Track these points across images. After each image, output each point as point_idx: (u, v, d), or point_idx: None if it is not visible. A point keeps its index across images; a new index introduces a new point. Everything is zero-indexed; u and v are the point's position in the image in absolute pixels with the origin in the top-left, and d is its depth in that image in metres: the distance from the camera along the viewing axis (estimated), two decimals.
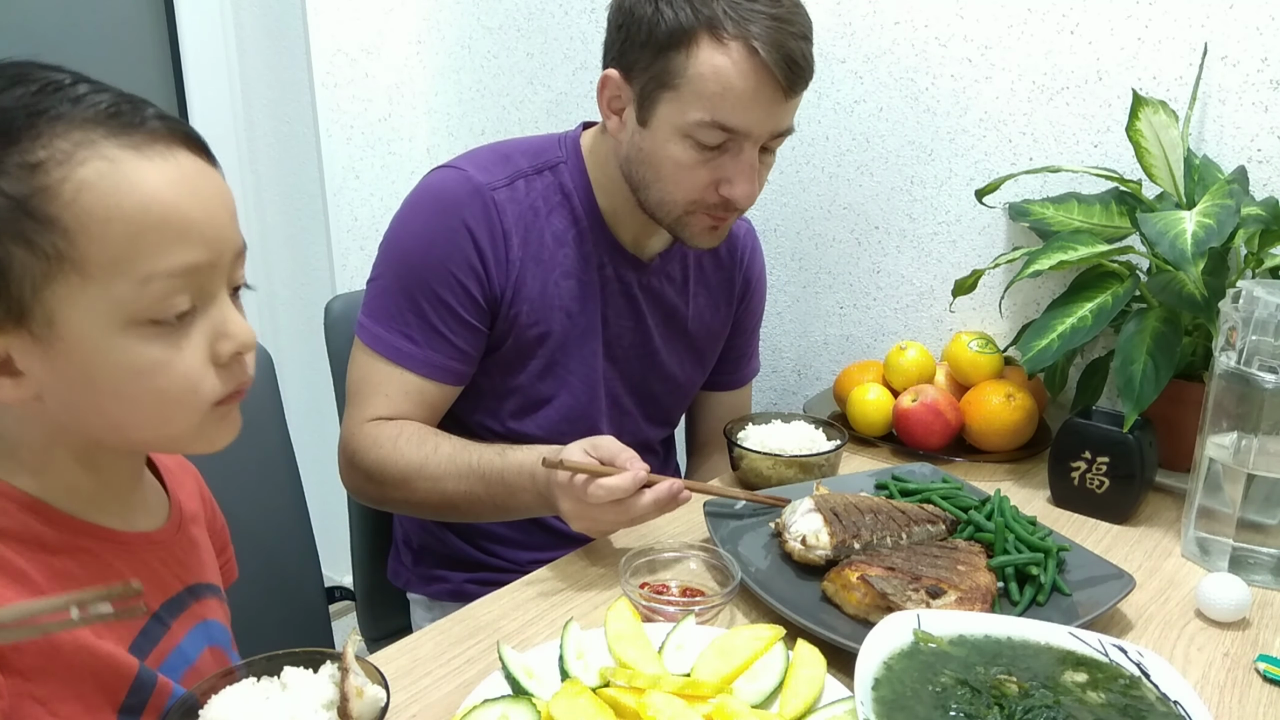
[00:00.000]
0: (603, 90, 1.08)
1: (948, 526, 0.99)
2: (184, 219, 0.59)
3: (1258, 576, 0.96)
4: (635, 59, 1.03)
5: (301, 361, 2.04)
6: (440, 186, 1.11)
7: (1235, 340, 0.95)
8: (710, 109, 1.00)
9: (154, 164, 0.58)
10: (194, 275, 0.60)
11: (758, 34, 0.97)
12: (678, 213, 1.08)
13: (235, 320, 0.63)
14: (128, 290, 0.58)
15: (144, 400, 0.61)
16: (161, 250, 0.58)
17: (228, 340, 0.63)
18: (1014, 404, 1.24)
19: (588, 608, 0.89)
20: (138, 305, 0.58)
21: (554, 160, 1.15)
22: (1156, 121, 1.15)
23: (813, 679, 0.72)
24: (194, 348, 0.61)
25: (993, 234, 1.41)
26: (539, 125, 1.88)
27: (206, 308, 0.62)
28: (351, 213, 1.98)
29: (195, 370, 0.61)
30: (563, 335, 1.15)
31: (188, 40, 1.88)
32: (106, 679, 0.63)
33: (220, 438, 0.67)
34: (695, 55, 0.99)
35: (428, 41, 2.00)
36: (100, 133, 0.57)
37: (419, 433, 1.08)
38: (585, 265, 1.15)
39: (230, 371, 0.64)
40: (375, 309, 1.11)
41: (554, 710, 0.66)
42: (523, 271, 1.11)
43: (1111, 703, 0.67)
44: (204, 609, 0.74)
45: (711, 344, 1.33)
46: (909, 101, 1.43)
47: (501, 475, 1.02)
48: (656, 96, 1.02)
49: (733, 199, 1.05)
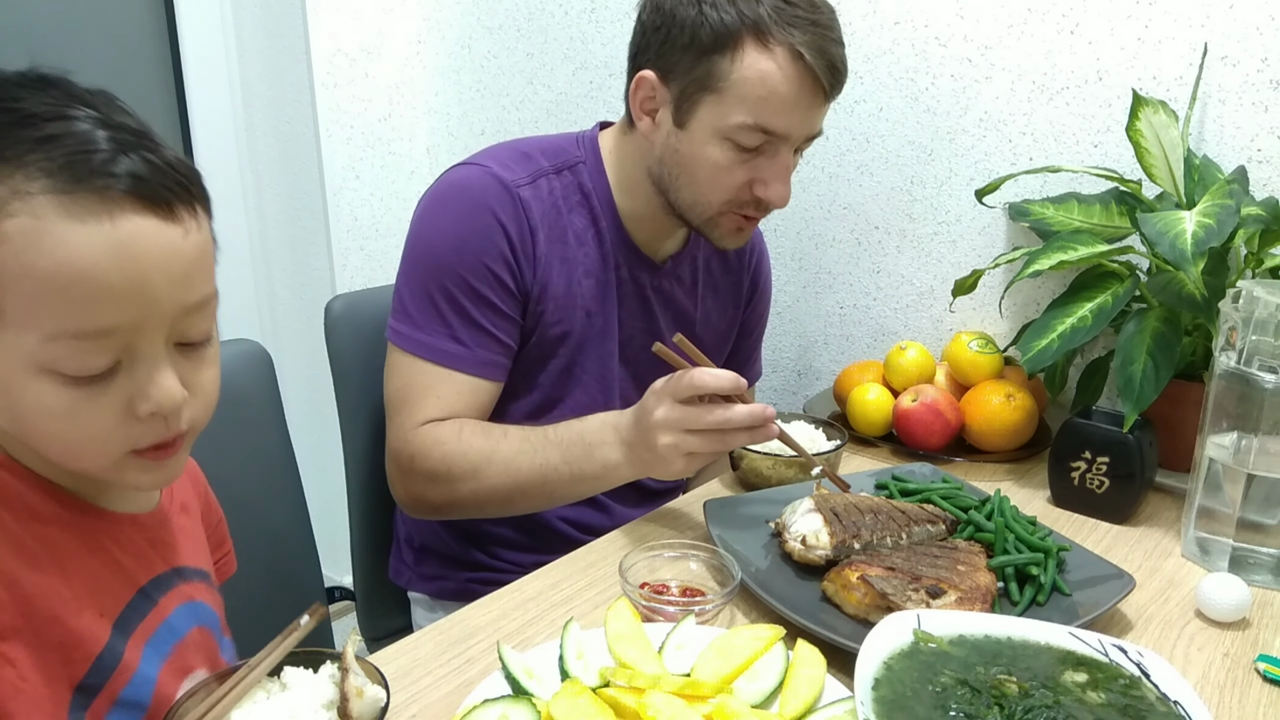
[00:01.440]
0: (636, 91, 1.08)
1: (948, 526, 0.99)
2: (102, 285, 0.57)
3: (1258, 576, 0.96)
4: (676, 61, 1.03)
5: (301, 361, 2.04)
6: (466, 183, 1.10)
7: (1235, 340, 0.95)
8: (753, 112, 1.01)
9: (84, 226, 0.56)
10: (111, 337, 0.59)
11: (802, 40, 0.99)
12: (710, 213, 1.09)
13: (160, 382, 0.62)
14: (35, 343, 0.57)
15: (58, 439, 0.62)
16: (72, 314, 0.57)
17: (146, 402, 0.61)
18: (1014, 404, 1.24)
19: (588, 608, 0.89)
20: (48, 359, 0.58)
21: (573, 160, 1.15)
22: (1156, 121, 1.15)
23: (813, 679, 0.72)
24: (108, 402, 0.61)
25: (993, 234, 1.41)
26: (539, 125, 1.88)
27: (132, 365, 0.61)
28: (351, 213, 1.98)
29: (104, 423, 0.61)
30: (582, 335, 1.15)
31: (188, 40, 1.88)
32: (70, 653, 0.63)
33: (145, 482, 0.67)
34: (740, 59, 1.00)
35: (428, 41, 2.00)
36: (40, 185, 0.56)
37: (482, 425, 1.08)
38: (604, 265, 1.16)
39: (149, 427, 0.63)
40: (412, 313, 1.09)
41: (554, 710, 0.66)
42: (549, 268, 1.11)
43: (1111, 703, 0.67)
44: (192, 590, 0.75)
45: (719, 347, 1.33)
46: (909, 101, 1.43)
47: (581, 435, 1.02)
48: (697, 99, 1.03)
49: (768, 199, 1.07)
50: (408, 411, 1.09)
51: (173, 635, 0.71)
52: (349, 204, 1.97)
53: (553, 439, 1.04)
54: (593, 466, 1.02)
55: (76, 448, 0.62)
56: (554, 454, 1.03)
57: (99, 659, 0.65)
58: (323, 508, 1.35)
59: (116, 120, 0.60)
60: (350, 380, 1.28)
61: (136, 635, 0.68)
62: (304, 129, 1.92)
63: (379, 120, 1.98)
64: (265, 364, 1.15)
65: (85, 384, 0.60)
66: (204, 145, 1.94)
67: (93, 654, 0.64)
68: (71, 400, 0.59)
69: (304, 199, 1.98)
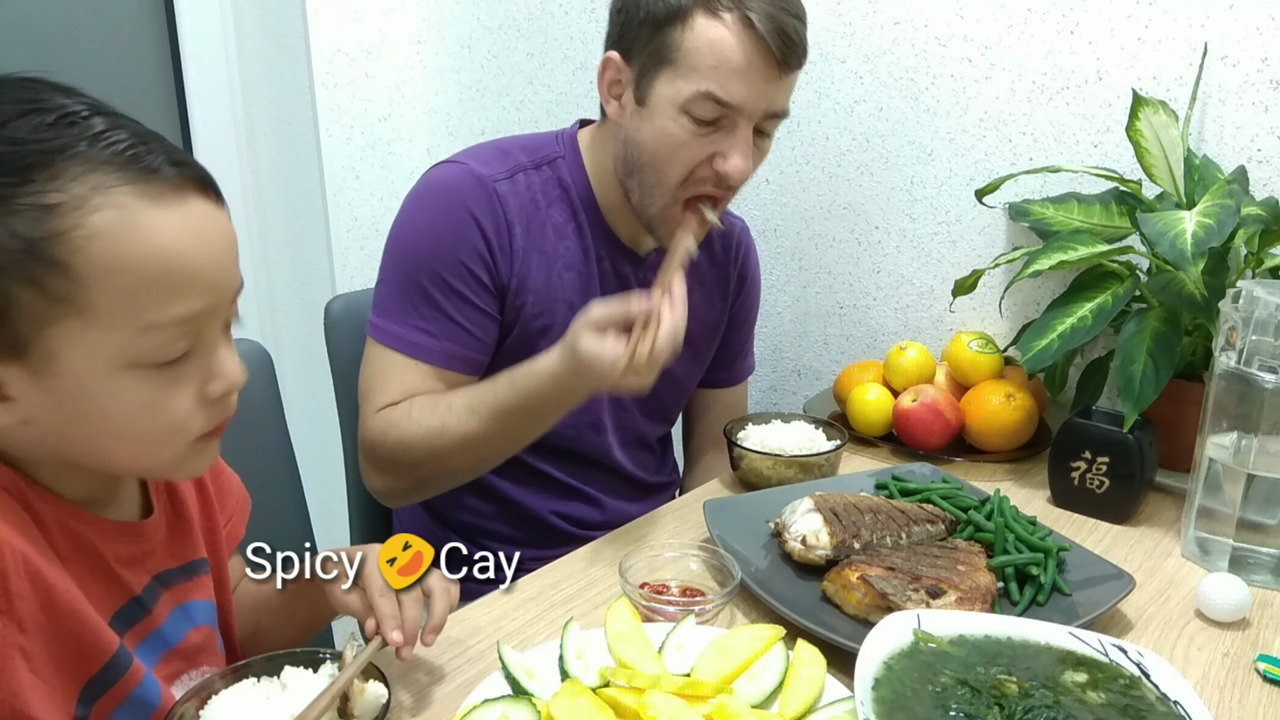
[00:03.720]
0: (603, 74, 1.09)
1: (947, 526, 0.99)
2: (189, 269, 0.60)
3: (1258, 576, 0.96)
4: (634, 38, 1.04)
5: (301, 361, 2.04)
6: (443, 180, 1.12)
7: (1235, 340, 0.95)
8: (706, 81, 1.01)
9: (166, 213, 0.58)
10: (194, 322, 0.61)
11: (753, 7, 0.99)
12: (665, 199, 1.08)
13: (228, 361, 0.65)
14: (129, 337, 0.58)
15: (133, 436, 0.62)
16: (165, 301, 0.59)
17: (219, 381, 0.64)
18: (1014, 404, 1.24)
19: (588, 608, 0.89)
20: (137, 351, 0.59)
21: (552, 155, 1.16)
22: (1156, 121, 1.15)
23: (813, 679, 0.72)
24: (186, 389, 0.62)
25: (993, 234, 1.41)
26: (539, 125, 1.88)
27: (201, 349, 0.63)
28: (351, 213, 1.98)
29: (185, 410, 0.63)
30: (564, 327, 1.14)
31: (188, 40, 1.88)
32: (86, 649, 0.64)
33: (199, 467, 0.69)
34: (691, 28, 1.00)
35: (428, 41, 2.00)
36: (116, 178, 0.57)
37: (428, 399, 1.07)
38: (585, 258, 1.16)
39: (216, 408, 0.65)
40: (387, 307, 1.10)
41: (554, 710, 0.66)
42: (526, 262, 1.11)
43: (1111, 703, 0.67)
44: (185, 590, 0.75)
45: (708, 340, 1.33)
46: (909, 101, 1.43)
47: (525, 403, 1.01)
48: (654, 74, 1.04)
49: (726, 173, 1.05)
50: (370, 399, 1.10)
51: (163, 643, 0.71)
52: (349, 204, 1.97)
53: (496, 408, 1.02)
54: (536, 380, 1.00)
55: (155, 442, 0.63)
56: (508, 420, 1.02)
57: (114, 659, 0.65)
58: (323, 508, 1.35)
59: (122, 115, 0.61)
60: (350, 380, 1.28)
61: (128, 639, 0.68)
62: (304, 129, 1.92)
63: (379, 120, 1.98)
64: (265, 364, 1.16)
65: (165, 374, 0.61)
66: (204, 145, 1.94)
67: (108, 652, 0.65)
68: (155, 391, 0.61)
69: (304, 199, 1.98)
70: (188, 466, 0.68)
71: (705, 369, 1.36)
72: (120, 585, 0.68)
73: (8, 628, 0.58)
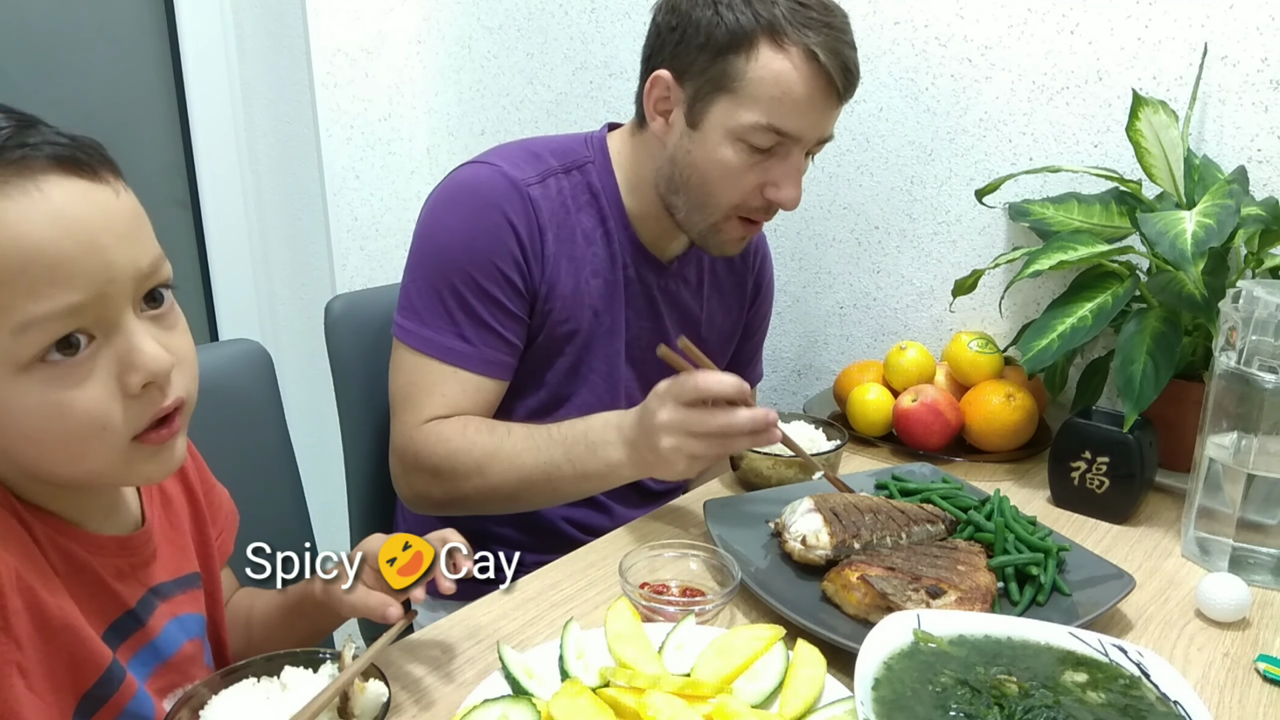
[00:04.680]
0: (650, 91, 1.08)
1: (947, 526, 0.99)
2: (52, 258, 0.54)
3: (1258, 576, 0.96)
4: (691, 61, 1.04)
5: (301, 361, 2.04)
6: (476, 181, 1.10)
7: (1235, 340, 0.95)
8: (767, 112, 1.01)
9: (15, 202, 0.53)
10: (80, 313, 0.56)
11: (816, 41, 1.00)
12: (716, 218, 1.09)
13: (141, 349, 0.58)
14: (6, 339, 0.54)
15: (53, 441, 0.58)
16: (32, 296, 0.54)
17: (135, 371, 0.58)
18: (1014, 404, 1.24)
19: (588, 608, 0.89)
20: (20, 353, 0.54)
21: (582, 160, 1.16)
22: (1156, 121, 1.15)
23: (813, 679, 0.72)
24: (97, 383, 0.57)
25: (993, 234, 1.41)
26: (539, 125, 1.88)
27: (109, 338, 0.58)
28: (351, 213, 1.98)
29: (99, 407, 0.58)
30: (589, 334, 1.15)
31: (188, 40, 1.88)
32: (80, 664, 0.63)
33: (154, 471, 0.64)
34: (755, 59, 1.00)
35: (428, 41, 2.00)
36: None
37: (487, 422, 1.08)
38: (611, 265, 1.16)
39: (143, 402, 0.60)
40: (419, 311, 1.09)
41: (554, 710, 0.66)
42: (557, 267, 1.11)
43: (1111, 703, 0.67)
44: (177, 604, 0.74)
45: (723, 348, 1.33)
46: (909, 101, 1.43)
47: (585, 434, 1.02)
48: (711, 99, 1.04)
49: (779, 201, 1.08)
50: (412, 409, 1.09)
51: (156, 657, 0.71)
52: (349, 204, 1.97)
53: (556, 437, 1.04)
54: (596, 465, 1.02)
55: (79, 447, 0.59)
56: (558, 452, 1.03)
57: (107, 673, 0.64)
58: (323, 508, 1.35)
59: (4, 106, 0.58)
60: (350, 380, 1.28)
61: (121, 652, 0.67)
62: (304, 129, 1.92)
63: (379, 120, 1.98)
64: (265, 364, 1.15)
65: (67, 372, 0.56)
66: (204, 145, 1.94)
67: (102, 666, 0.64)
68: (58, 392, 0.56)
69: (304, 199, 1.98)
70: (139, 470, 0.62)
71: None
72: (114, 599, 0.68)
73: (4, 644, 0.57)
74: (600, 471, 1.03)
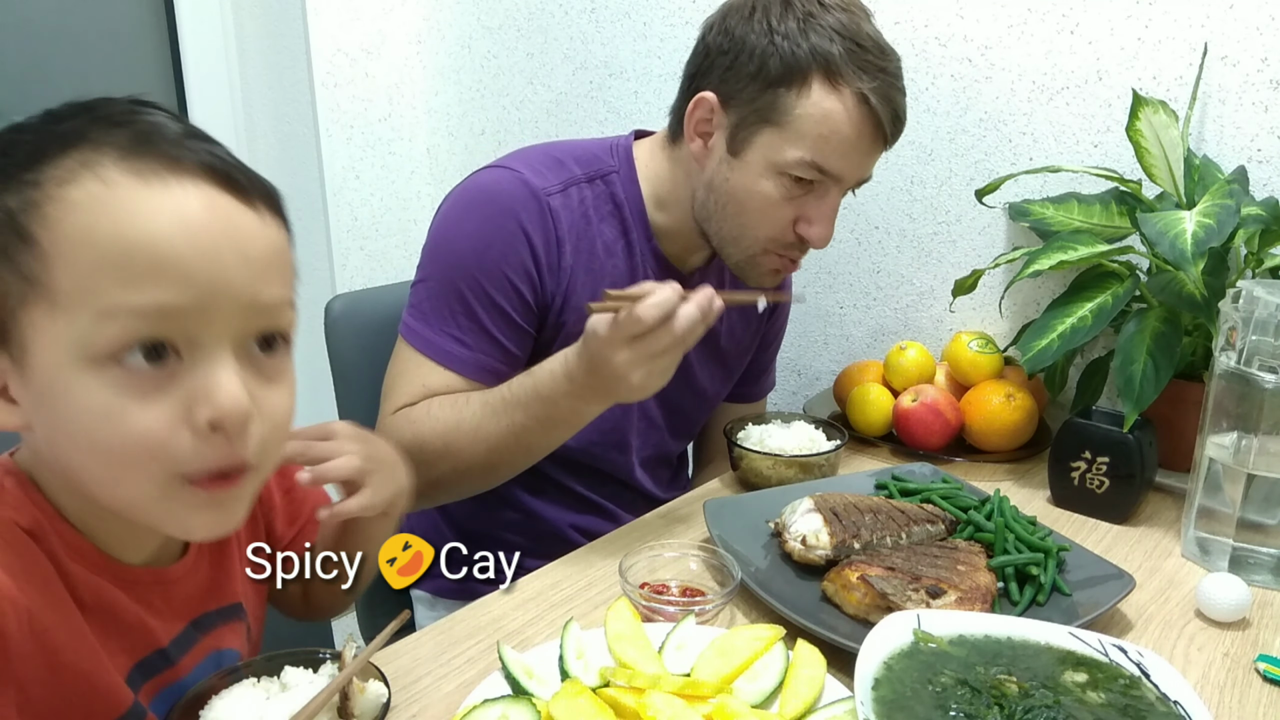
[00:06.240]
0: (694, 111, 1.07)
1: (947, 526, 0.99)
2: (163, 253, 0.52)
3: (1258, 576, 0.96)
4: (739, 88, 1.02)
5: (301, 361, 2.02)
6: (495, 187, 1.08)
7: (1235, 340, 0.95)
8: (813, 150, 1.01)
9: (152, 191, 0.52)
10: (170, 320, 0.52)
11: (870, 85, 0.99)
12: (753, 251, 1.09)
13: (221, 384, 0.54)
14: (88, 324, 0.51)
15: (95, 451, 0.54)
16: (129, 283, 0.51)
17: (204, 404, 0.53)
18: (1014, 404, 1.24)
19: (588, 608, 0.89)
20: (97, 342, 0.51)
21: (607, 169, 1.14)
22: (1156, 121, 1.15)
23: (813, 679, 0.72)
24: (164, 404, 0.53)
25: (993, 234, 1.41)
26: (539, 125, 1.88)
27: (195, 363, 0.54)
28: (351, 213, 1.98)
29: (156, 429, 0.53)
30: None
31: (188, 40, 1.88)
32: (94, 708, 0.60)
33: (198, 525, 0.58)
34: (807, 95, 0.99)
35: (428, 41, 2.00)
36: (112, 155, 0.52)
37: (448, 397, 1.05)
38: (632, 277, 1.14)
39: (210, 444, 0.54)
40: (424, 310, 1.08)
41: (554, 710, 0.66)
42: (573, 280, 1.10)
43: (1111, 703, 0.67)
44: (217, 638, 0.72)
45: (740, 359, 1.32)
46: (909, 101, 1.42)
47: (536, 390, 0.99)
48: (756, 129, 1.02)
49: (810, 239, 1.07)
50: (391, 398, 1.08)
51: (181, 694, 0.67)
52: (349, 204, 1.97)
53: (510, 399, 1.01)
54: (561, 413, 1.00)
55: (120, 468, 0.54)
56: (518, 413, 1.00)
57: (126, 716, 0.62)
58: None
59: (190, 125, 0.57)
60: (350, 380, 1.28)
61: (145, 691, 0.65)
62: (304, 129, 1.92)
63: (379, 120, 1.98)
64: None
65: (137, 380, 0.52)
66: None
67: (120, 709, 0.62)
68: (116, 399, 0.52)
69: (304, 199, 1.98)
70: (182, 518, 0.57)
71: (733, 385, 1.35)
72: (145, 636, 0.65)
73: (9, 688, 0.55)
74: (566, 418, 1.00)
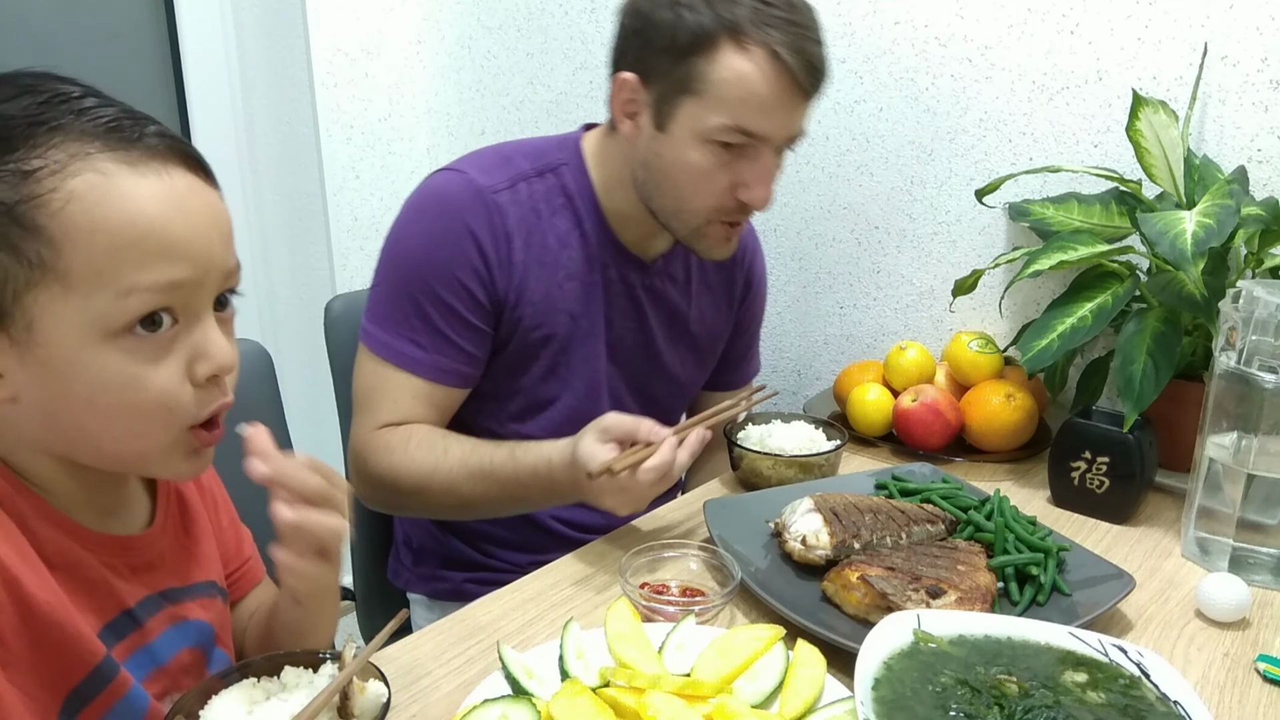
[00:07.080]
0: (617, 94, 1.08)
1: (947, 526, 0.99)
2: (169, 235, 0.59)
3: (1258, 576, 0.96)
4: (654, 64, 1.03)
5: (301, 361, 2.04)
6: (442, 190, 1.11)
7: (1235, 340, 0.95)
8: (733, 114, 1.00)
9: (146, 180, 0.59)
10: (176, 291, 0.60)
11: (779, 40, 0.98)
12: (697, 222, 1.09)
13: (216, 341, 0.63)
14: (107, 302, 0.58)
15: (117, 414, 0.61)
16: (144, 264, 0.58)
17: (206, 361, 0.63)
18: (1014, 404, 1.24)
19: (588, 608, 0.89)
20: (116, 318, 0.59)
21: (556, 163, 1.15)
22: (1156, 121, 1.15)
23: (813, 679, 0.72)
24: (172, 365, 0.61)
25: (993, 234, 1.41)
26: (539, 125, 1.88)
27: (189, 326, 0.62)
28: (351, 213, 1.98)
29: (171, 387, 0.62)
30: (566, 337, 1.15)
31: (188, 40, 1.88)
32: (68, 658, 0.63)
33: (186, 470, 0.68)
34: (718, 60, 0.99)
35: (428, 41, 2.00)
36: (97, 146, 0.58)
37: (428, 436, 1.08)
38: (589, 267, 1.15)
39: (208, 393, 0.64)
40: (380, 315, 1.10)
41: (554, 710, 0.66)
42: (525, 274, 1.11)
43: (1111, 703, 0.67)
44: (186, 609, 0.74)
45: (713, 344, 1.33)
46: (909, 101, 1.43)
47: (516, 477, 1.03)
48: (677, 101, 1.02)
49: (750, 203, 1.06)
50: (367, 412, 1.10)
51: (152, 661, 0.70)
52: (349, 204, 1.97)
53: (490, 472, 1.04)
54: (532, 501, 1.07)
55: (143, 423, 0.62)
56: (493, 488, 1.05)
57: (97, 669, 0.64)
58: None
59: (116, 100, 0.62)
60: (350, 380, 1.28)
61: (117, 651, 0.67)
62: (304, 129, 1.92)
63: (379, 120, 1.98)
64: (265, 364, 1.15)
65: (149, 347, 0.60)
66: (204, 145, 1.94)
67: (92, 662, 0.64)
68: (136, 366, 0.60)
69: (304, 199, 1.98)
70: (175, 464, 0.66)
71: (709, 372, 1.36)
72: (111, 597, 0.68)
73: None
74: (536, 505, 1.08)
